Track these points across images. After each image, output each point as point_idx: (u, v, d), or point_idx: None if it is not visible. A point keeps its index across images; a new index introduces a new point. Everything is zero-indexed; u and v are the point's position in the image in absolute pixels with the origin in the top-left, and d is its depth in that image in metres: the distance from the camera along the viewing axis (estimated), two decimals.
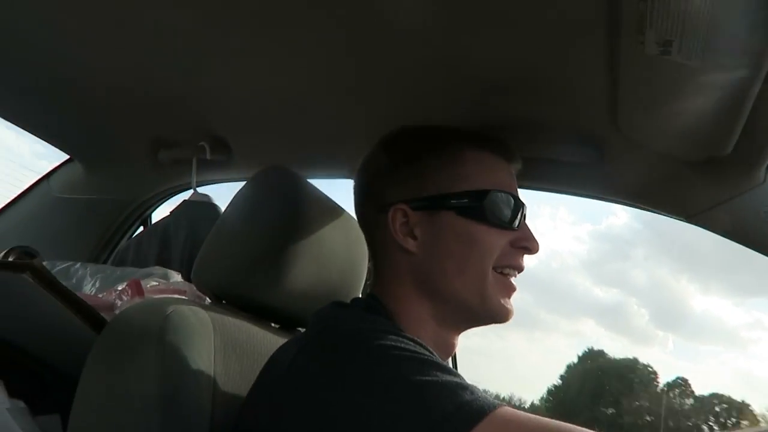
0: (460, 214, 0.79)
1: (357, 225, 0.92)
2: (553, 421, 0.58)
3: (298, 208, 0.90)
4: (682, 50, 0.74)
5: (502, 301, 0.80)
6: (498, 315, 0.81)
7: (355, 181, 0.90)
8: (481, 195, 0.79)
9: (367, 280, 1.01)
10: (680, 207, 1.12)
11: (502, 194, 0.81)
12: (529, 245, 0.82)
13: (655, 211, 1.17)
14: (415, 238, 0.80)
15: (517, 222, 0.81)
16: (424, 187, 0.81)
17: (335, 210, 0.98)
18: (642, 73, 0.85)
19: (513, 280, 0.82)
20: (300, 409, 0.63)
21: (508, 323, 0.82)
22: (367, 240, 0.89)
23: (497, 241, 0.80)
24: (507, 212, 0.80)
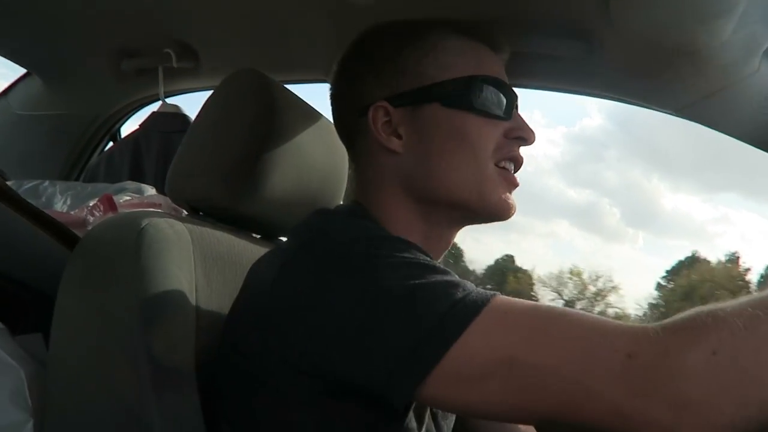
0: (445, 105, 0.73)
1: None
2: (547, 305, 0.56)
3: (273, 112, 0.85)
4: None
5: (503, 197, 0.75)
6: (499, 211, 0.75)
7: (330, 86, 0.84)
8: (467, 82, 0.73)
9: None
10: (670, 100, 1.08)
11: (490, 80, 0.74)
12: (525, 134, 0.76)
13: (644, 105, 1.14)
14: (399, 137, 0.75)
15: (509, 111, 0.75)
16: (405, 81, 0.75)
17: (312, 114, 0.93)
18: None
19: None
20: (287, 326, 0.60)
21: (483, 228, 0.78)
22: (347, 148, 0.84)
23: (489, 132, 0.74)
24: (497, 100, 0.74)
